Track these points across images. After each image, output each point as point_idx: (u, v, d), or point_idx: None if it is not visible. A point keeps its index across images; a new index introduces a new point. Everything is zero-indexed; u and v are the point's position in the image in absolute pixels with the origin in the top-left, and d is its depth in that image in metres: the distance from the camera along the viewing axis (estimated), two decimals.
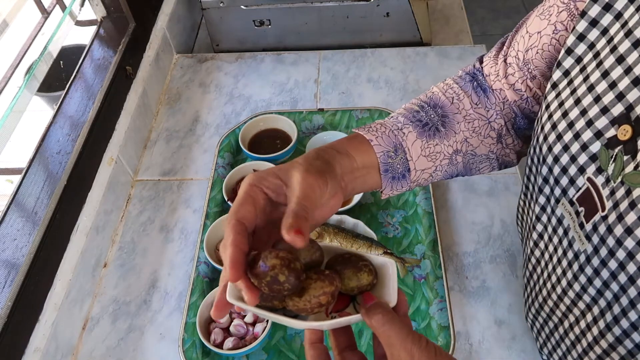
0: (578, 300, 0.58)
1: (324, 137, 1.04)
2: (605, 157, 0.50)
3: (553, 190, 0.58)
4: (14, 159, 0.99)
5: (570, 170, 0.55)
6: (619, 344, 0.53)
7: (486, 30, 2.78)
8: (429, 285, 0.85)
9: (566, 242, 0.58)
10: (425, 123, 0.65)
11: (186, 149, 1.08)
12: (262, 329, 0.78)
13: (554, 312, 0.64)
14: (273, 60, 1.23)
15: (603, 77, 0.50)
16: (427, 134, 0.64)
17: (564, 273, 0.59)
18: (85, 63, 1.03)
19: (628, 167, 0.48)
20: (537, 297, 0.67)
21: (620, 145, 0.49)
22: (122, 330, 0.85)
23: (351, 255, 0.51)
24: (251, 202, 0.48)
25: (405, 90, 1.14)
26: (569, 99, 0.54)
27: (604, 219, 0.51)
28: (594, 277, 0.54)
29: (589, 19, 0.53)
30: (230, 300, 0.45)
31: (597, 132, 0.51)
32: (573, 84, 0.55)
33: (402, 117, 0.65)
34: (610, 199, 0.50)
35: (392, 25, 1.21)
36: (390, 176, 0.62)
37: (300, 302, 0.45)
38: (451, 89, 0.69)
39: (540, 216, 0.63)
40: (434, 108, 0.67)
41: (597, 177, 0.52)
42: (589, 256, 0.54)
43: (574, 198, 0.55)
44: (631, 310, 0.50)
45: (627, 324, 0.51)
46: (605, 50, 0.51)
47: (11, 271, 0.75)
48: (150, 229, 0.97)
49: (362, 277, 0.48)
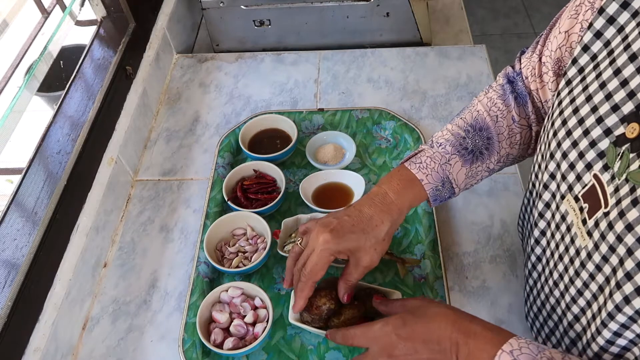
0: (579, 297, 0.58)
1: (324, 137, 1.04)
2: (613, 155, 0.51)
3: (559, 186, 0.59)
4: (14, 159, 0.99)
5: (577, 167, 0.55)
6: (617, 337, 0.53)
7: (486, 30, 2.78)
8: (429, 285, 0.85)
9: (569, 238, 0.58)
10: (471, 150, 0.71)
11: (186, 149, 1.08)
12: (262, 329, 0.78)
13: (555, 310, 0.64)
14: (273, 60, 1.23)
15: (615, 74, 0.51)
16: (472, 160, 0.72)
17: (566, 269, 0.59)
18: (85, 63, 1.03)
19: (633, 165, 0.48)
20: (539, 294, 0.67)
21: (628, 143, 0.49)
22: (122, 330, 0.85)
23: (371, 289, 0.78)
24: (326, 268, 0.68)
25: (405, 90, 1.14)
26: (580, 96, 0.55)
27: (605, 215, 0.51)
28: (597, 273, 0.54)
29: (606, 16, 0.53)
30: (292, 321, 0.76)
31: (606, 129, 0.51)
32: (586, 81, 0.55)
33: (450, 147, 0.72)
34: (614, 195, 0.50)
35: (392, 25, 1.21)
36: (437, 201, 0.73)
37: (339, 323, 0.73)
38: (495, 106, 0.73)
39: (543, 213, 0.63)
40: (480, 132, 0.72)
41: (603, 174, 0.52)
42: (590, 252, 0.54)
43: (580, 194, 0.55)
44: (626, 306, 0.50)
45: (624, 318, 0.51)
46: (619, 48, 0.51)
47: (11, 271, 0.75)
48: (150, 229, 0.97)
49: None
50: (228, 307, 0.81)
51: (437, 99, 1.12)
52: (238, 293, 0.82)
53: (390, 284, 0.86)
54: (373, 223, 0.68)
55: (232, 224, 0.91)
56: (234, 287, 0.82)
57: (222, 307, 0.81)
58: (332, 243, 0.66)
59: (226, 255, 0.88)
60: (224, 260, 0.88)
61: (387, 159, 1.02)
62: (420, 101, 1.12)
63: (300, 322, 0.75)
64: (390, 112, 1.07)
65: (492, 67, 1.18)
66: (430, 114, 1.10)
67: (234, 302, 0.82)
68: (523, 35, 2.72)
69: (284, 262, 0.89)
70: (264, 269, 0.89)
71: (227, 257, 0.88)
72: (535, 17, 2.82)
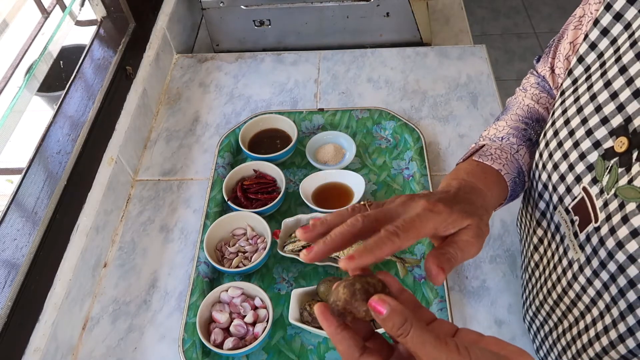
0: (573, 307, 0.58)
1: (324, 137, 1.04)
2: (601, 168, 0.50)
3: (551, 197, 0.58)
4: (14, 159, 0.99)
5: (567, 179, 0.54)
6: (612, 348, 0.53)
7: (486, 30, 2.78)
8: (429, 285, 0.85)
9: (562, 249, 0.58)
10: (535, 141, 0.68)
11: (186, 149, 1.08)
12: (262, 329, 0.78)
13: (550, 316, 0.64)
14: (273, 60, 1.23)
15: (605, 87, 0.50)
16: (534, 149, 0.67)
17: (558, 280, 0.59)
18: (85, 63, 1.03)
19: (622, 180, 0.47)
20: (535, 300, 0.67)
21: (617, 157, 0.48)
22: (122, 330, 0.85)
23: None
24: (426, 230, 0.47)
25: (405, 90, 1.14)
26: (572, 107, 0.54)
27: (596, 230, 0.50)
28: (587, 286, 0.54)
29: (600, 27, 0.52)
30: (292, 321, 0.72)
31: (595, 142, 0.50)
32: (577, 92, 0.54)
33: (514, 138, 0.67)
34: (603, 210, 0.49)
35: (392, 25, 1.21)
36: (510, 199, 0.64)
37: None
38: (542, 98, 0.72)
39: (540, 221, 0.63)
40: (538, 122, 0.70)
41: (591, 188, 0.51)
42: (582, 265, 0.54)
43: (570, 207, 0.55)
44: (621, 322, 0.50)
45: (615, 335, 0.51)
46: (610, 60, 0.50)
47: (11, 271, 0.75)
48: (150, 229, 0.97)
49: None
50: (228, 307, 0.81)
51: (437, 99, 1.12)
52: (238, 293, 0.82)
53: None
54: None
55: (232, 224, 0.91)
56: (234, 287, 0.82)
57: (222, 307, 0.81)
58: (443, 206, 0.48)
59: (226, 255, 0.88)
60: (224, 260, 0.88)
61: (387, 159, 1.02)
62: (420, 101, 1.12)
63: (300, 322, 0.75)
64: (390, 112, 1.07)
65: (492, 67, 1.18)
66: (430, 114, 1.10)
67: (234, 302, 0.82)
68: (523, 35, 2.72)
69: (284, 262, 0.89)
70: (264, 269, 0.89)
71: (227, 257, 0.88)
72: (535, 17, 2.82)
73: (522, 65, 2.60)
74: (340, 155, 1.01)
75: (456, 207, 0.49)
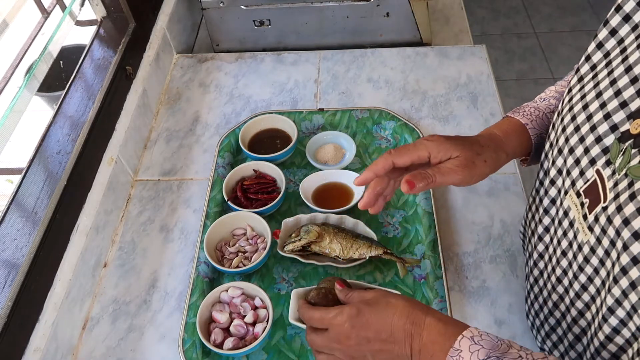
0: (583, 292, 0.58)
1: (324, 137, 1.04)
2: (616, 150, 0.51)
3: (564, 182, 0.59)
4: (14, 159, 0.99)
5: (582, 162, 0.55)
6: (616, 333, 0.53)
7: (486, 30, 2.78)
8: (429, 285, 0.85)
9: (572, 234, 0.58)
10: None
11: (186, 149, 1.08)
12: (262, 329, 0.78)
13: (558, 307, 0.64)
14: (273, 60, 1.23)
15: (626, 72, 0.51)
16: None
17: (570, 265, 0.59)
18: (85, 63, 1.02)
19: (634, 160, 0.48)
20: (542, 291, 0.67)
21: (632, 139, 0.49)
22: (122, 330, 0.85)
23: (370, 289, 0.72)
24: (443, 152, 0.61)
25: (405, 90, 1.14)
26: (591, 92, 0.55)
27: (604, 210, 0.51)
28: (600, 268, 0.54)
29: (623, 13, 0.53)
30: (292, 321, 0.71)
31: (613, 125, 0.52)
32: (597, 78, 0.55)
33: (554, 100, 0.71)
34: (612, 190, 0.50)
35: (392, 25, 1.21)
36: (535, 159, 0.70)
37: None
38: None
39: (548, 209, 0.64)
40: None
41: (604, 170, 0.52)
42: (593, 247, 0.54)
43: (581, 190, 0.56)
44: (625, 300, 0.50)
45: (623, 313, 0.51)
46: (632, 46, 0.51)
47: (11, 271, 0.75)
48: (150, 229, 0.97)
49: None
50: (228, 307, 0.81)
51: (437, 99, 1.12)
52: (238, 293, 0.82)
53: (390, 284, 0.86)
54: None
55: (232, 224, 0.91)
56: (234, 287, 0.82)
57: (222, 307, 0.81)
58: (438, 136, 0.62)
59: (226, 255, 0.88)
60: (224, 260, 0.88)
61: None
62: (420, 101, 1.12)
63: (300, 322, 0.75)
64: (390, 112, 1.07)
65: (492, 67, 1.18)
66: (430, 113, 1.10)
67: (234, 302, 0.82)
68: (523, 35, 2.72)
69: (284, 262, 0.89)
70: (264, 269, 0.89)
71: (227, 257, 0.88)
72: (535, 17, 2.82)
73: (522, 65, 2.60)
74: (340, 155, 1.01)
75: (452, 140, 0.58)
